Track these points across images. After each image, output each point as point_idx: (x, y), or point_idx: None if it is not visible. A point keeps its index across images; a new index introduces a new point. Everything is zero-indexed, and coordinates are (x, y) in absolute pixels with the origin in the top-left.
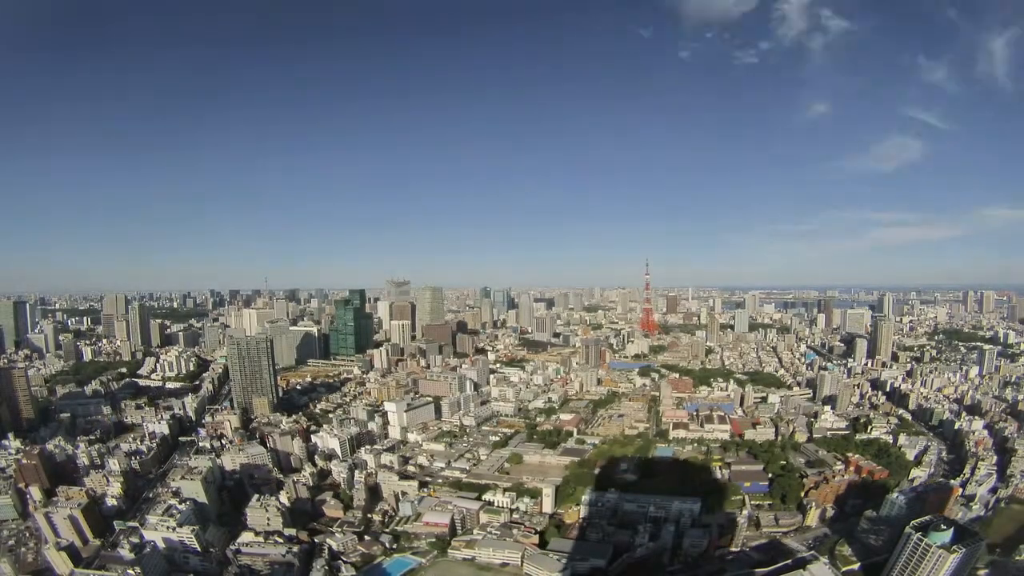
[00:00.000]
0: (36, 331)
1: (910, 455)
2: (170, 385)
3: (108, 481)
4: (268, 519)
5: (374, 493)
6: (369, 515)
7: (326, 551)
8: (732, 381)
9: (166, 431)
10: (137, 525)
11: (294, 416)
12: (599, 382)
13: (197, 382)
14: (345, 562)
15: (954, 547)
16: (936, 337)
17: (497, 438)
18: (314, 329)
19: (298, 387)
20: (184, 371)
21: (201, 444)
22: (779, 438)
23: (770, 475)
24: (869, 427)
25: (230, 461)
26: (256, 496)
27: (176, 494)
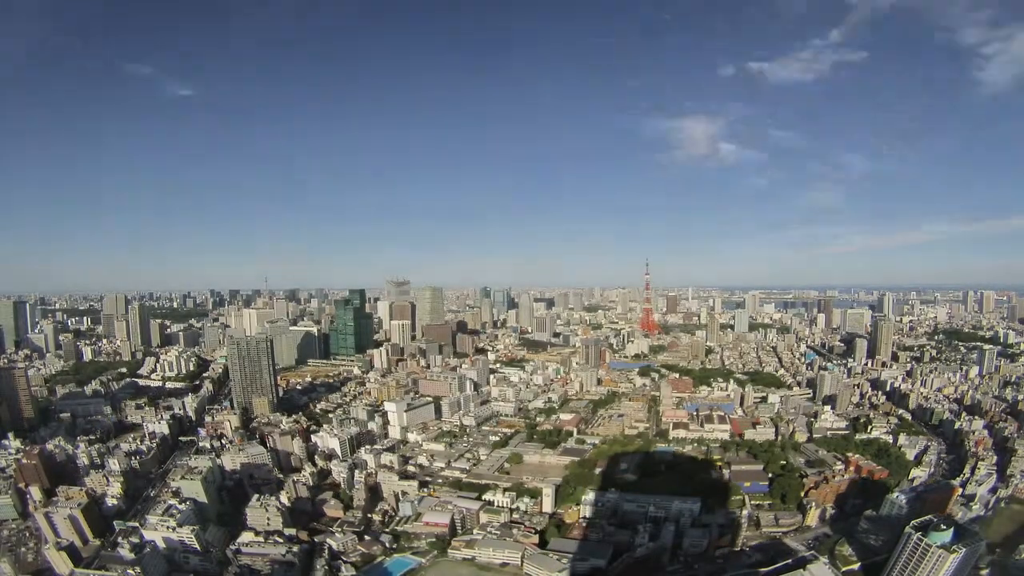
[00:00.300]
0: (36, 331)
1: (910, 455)
2: (170, 385)
3: (108, 481)
4: (268, 519)
5: (374, 493)
6: (369, 515)
7: (326, 551)
8: (732, 381)
9: (166, 431)
10: (137, 525)
11: (294, 416)
12: (599, 382)
13: (197, 382)
14: (345, 562)
15: (954, 547)
16: (936, 337)
17: (497, 438)
18: (314, 329)
19: (298, 387)
20: (184, 371)
21: (201, 444)
22: (779, 438)
23: (770, 475)
24: (869, 427)
25: (230, 461)
26: (256, 496)
27: (176, 494)
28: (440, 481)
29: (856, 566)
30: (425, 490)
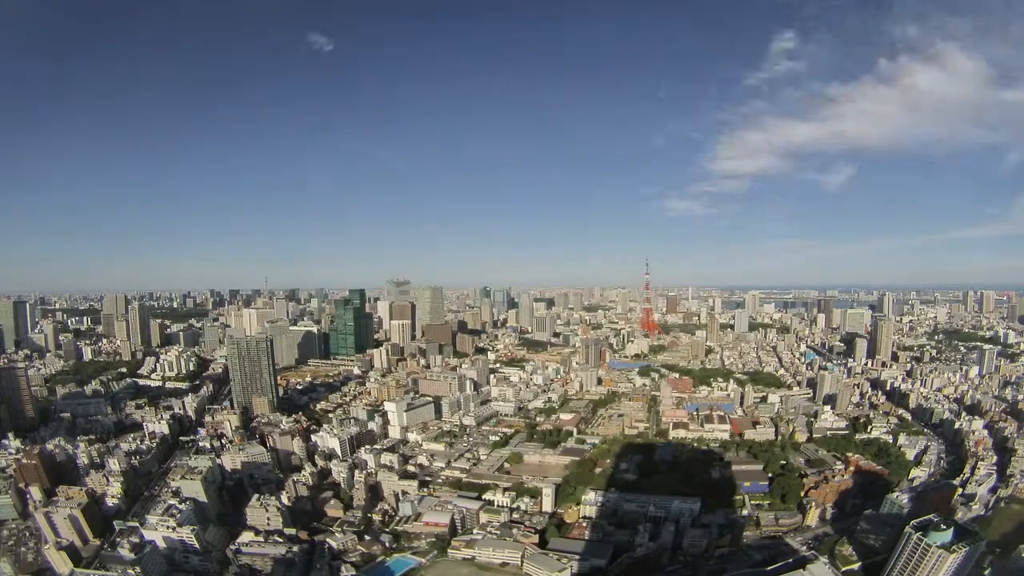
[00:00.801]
0: (36, 331)
1: (910, 455)
2: (170, 385)
3: (108, 481)
4: (268, 519)
5: (374, 493)
6: (369, 515)
7: (326, 551)
8: (732, 381)
9: (166, 431)
10: (137, 525)
11: (294, 416)
12: (599, 382)
13: (197, 382)
14: (345, 562)
15: (954, 547)
16: (936, 337)
17: (497, 438)
18: (314, 329)
19: (298, 387)
20: (184, 371)
21: (201, 444)
22: (779, 438)
23: (770, 475)
24: (869, 427)
25: (230, 461)
26: (256, 496)
27: (176, 494)
28: (440, 481)
29: (856, 566)
30: (425, 490)
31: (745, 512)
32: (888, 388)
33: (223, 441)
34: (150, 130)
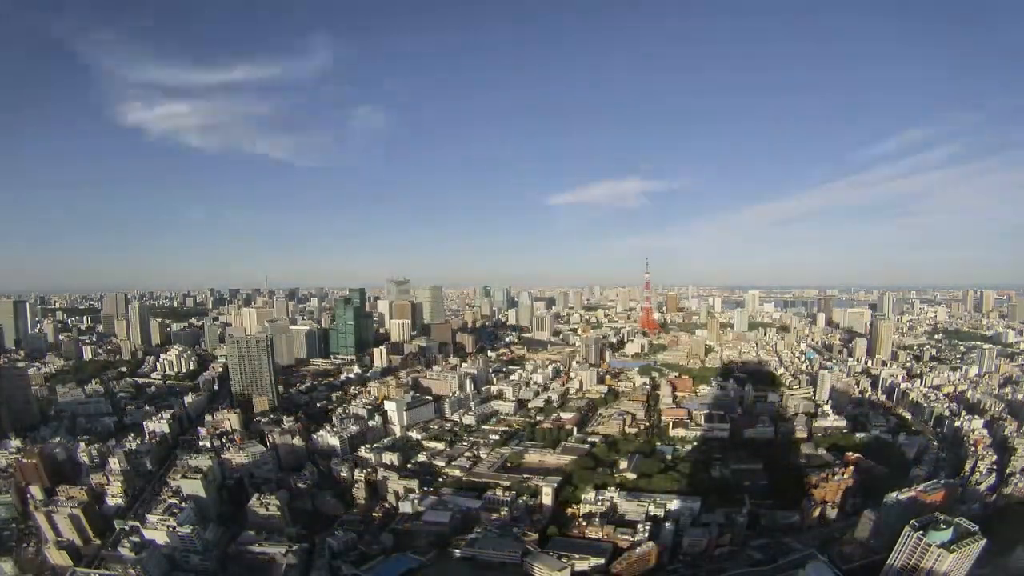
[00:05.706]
0: (36, 330)
1: (910, 454)
2: (170, 384)
3: (108, 480)
4: (269, 517)
5: (375, 491)
6: (370, 513)
7: (327, 550)
8: (732, 380)
9: (166, 430)
10: (137, 524)
11: (294, 415)
12: (599, 380)
13: (197, 381)
14: (345, 561)
15: (953, 546)
16: (936, 336)
17: (497, 436)
18: (314, 328)
19: (298, 386)
20: (184, 370)
21: (201, 443)
22: (779, 437)
23: (770, 474)
24: (869, 426)
25: (231, 459)
26: (257, 495)
27: (176, 493)
28: (441, 480)
29: (856, 565)
30: (426, 488)
31: (745, 511)
32: (888, 387)
33: (223, 440)
34: (150, 129)
